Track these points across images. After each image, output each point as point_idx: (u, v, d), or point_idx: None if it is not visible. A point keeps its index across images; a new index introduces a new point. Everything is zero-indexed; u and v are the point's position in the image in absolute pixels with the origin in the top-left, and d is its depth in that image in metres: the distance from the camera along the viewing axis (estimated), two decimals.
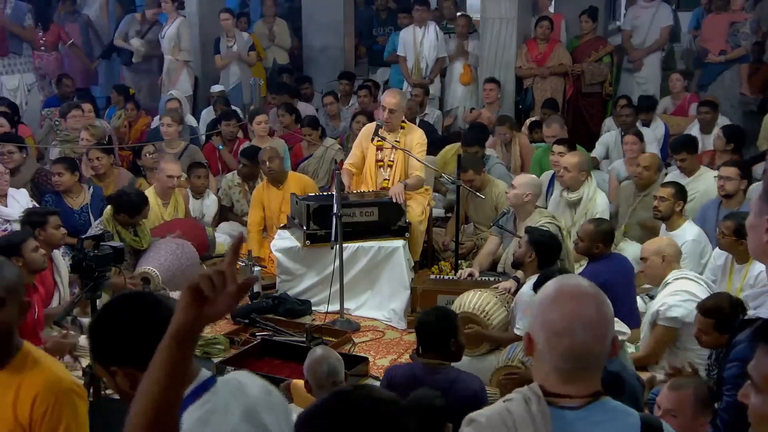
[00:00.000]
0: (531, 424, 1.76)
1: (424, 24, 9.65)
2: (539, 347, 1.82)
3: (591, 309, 1.81)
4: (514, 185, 5.74)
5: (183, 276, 5.65)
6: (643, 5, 9.61)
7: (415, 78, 9.60)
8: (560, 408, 1.80)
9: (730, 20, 9.15)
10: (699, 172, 6.45)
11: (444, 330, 3.69)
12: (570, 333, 1.78)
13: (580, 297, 1.82)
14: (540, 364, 1.84)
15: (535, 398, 1.79)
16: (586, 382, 1.82)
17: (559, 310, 1.80)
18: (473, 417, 1.85)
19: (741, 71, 9.29)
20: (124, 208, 5.63)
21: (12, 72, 9.42)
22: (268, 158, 6.78)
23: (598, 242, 5.02)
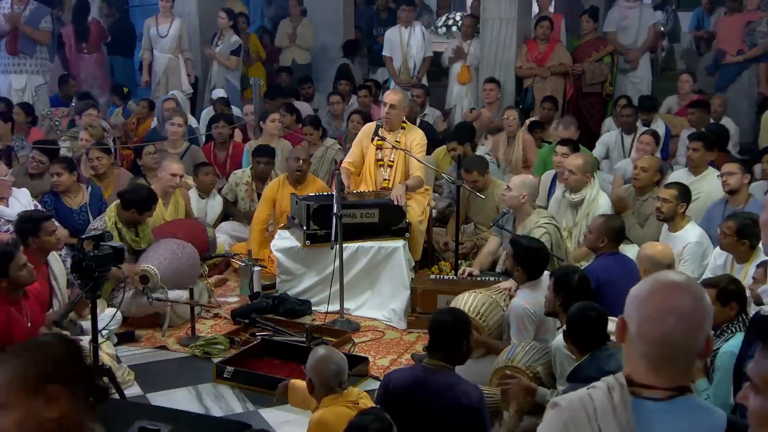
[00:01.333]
0: (611, 412, 1.77)
1: (410, 24, 9.68)
2: (631, 332, 1.83)
3: (687, 301, 1.82)
4: (510, 187, 5.73)
5: (182, 276, 5.65)
6: (627, 5, 9.64)
7: (404, 78, 9.61)
8: (643, 398, 1.80)
9: (746, 20, 9.16)
10: (705, 171, 6.44)
11: (458, 332, 3.68)
12: (663, 321, 1.79)
13: (677, 289, 1.83)
14: (630, 351, 1.84)
15: (619, 387, 1.81)
16: (672, 374, 1.82)
17: (655, 299, 1.82)
18: (557, 401, 1.88)
19: (759, 71, 9.28)
20: (134, 203, 5.60)
21: (20, 72, 9.41)
22: (303, 159, 6.75)
23: (604, 236, 5.02)
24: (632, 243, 6.11)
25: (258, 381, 4.73)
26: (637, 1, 9.63)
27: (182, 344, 5.38)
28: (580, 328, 3.87)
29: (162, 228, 6.16)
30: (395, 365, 5.09)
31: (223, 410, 4.53)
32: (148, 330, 5.58)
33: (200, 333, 5.53)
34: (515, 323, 4.54)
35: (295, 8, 10.84)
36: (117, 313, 4.95)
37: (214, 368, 4.88)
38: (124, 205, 5.62)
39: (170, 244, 5.72)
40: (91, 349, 3.96)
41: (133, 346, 5.36)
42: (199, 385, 4.82)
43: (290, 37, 10.77)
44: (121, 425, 3.13)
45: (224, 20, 9.90)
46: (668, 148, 8.21)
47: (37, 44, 9.38)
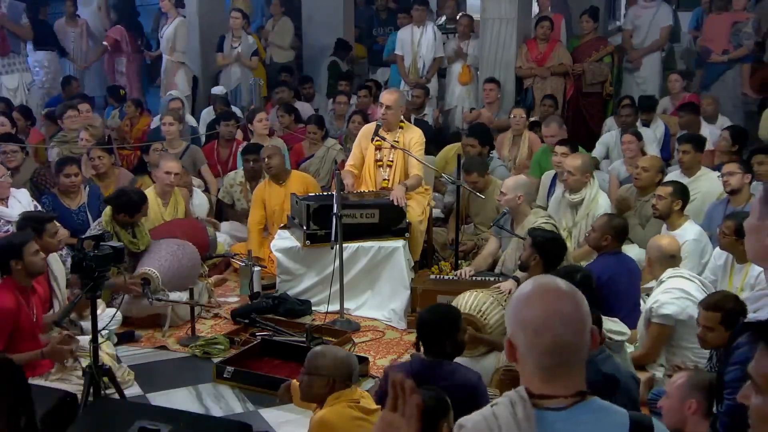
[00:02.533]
0: (516, 428, 1.77)
1: (423, 24, 9.69)
2: (521, 349, 1.83)
3: (568, 304, 1.82)
4: (504, 192, 5.72)
5: (183, 276, 5.64)
6: (643, 5, 9.62)
7: (413, 77, 9.62)
8: (545, 409, 1.80)
9: (733, 20, 9.16)
10: (700, 172, 6.44)
11: (445, 328, 3.69)
12: (550, 328, 1.79)
13: (555, 293, 1.84)
14: (524, 367, 1.85)
15: (521, 401, 1.80)
16: (570, 380, 1.82)
17: (536, 308, 1.81)
18: (462, 422, 1.86)
19: (743, 71, 9.30)
20: (123, 207, 5.62)
21: (12, 72, 9.42)
22: (268, 155, 6.78)
23: (607, 234, 5.03)
24: (633, 243, 6.12)
25: (258, 381, 4.73)
26: (654, 0, 9.59)
27: (182, 344, 5.38)
28: None
29: (162, 228, 6.16)
30: None
31: (223, 410, 4.53)
32: (148, 330, 5.58)
33: (200, 333, 5.53)
34: None
35: (276, 7, 10.84)
36: (117, 313, 4.95)
37: (214, 368, 4.88)
38: (114, 210, 5.63)
39: (171, 244, 5.72)
40: (91, 349, 3.96)
41: (133, 346, 5.36)
42: (199, 385, 4.82)
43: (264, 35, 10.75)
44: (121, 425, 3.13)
45: (239, 20, 9.84)
46: (668, 148, 8.21)
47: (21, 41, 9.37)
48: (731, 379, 2.85)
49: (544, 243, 4.78)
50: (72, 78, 10.19)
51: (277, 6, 10.83)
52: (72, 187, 6.39)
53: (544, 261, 4.74)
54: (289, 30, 10.92)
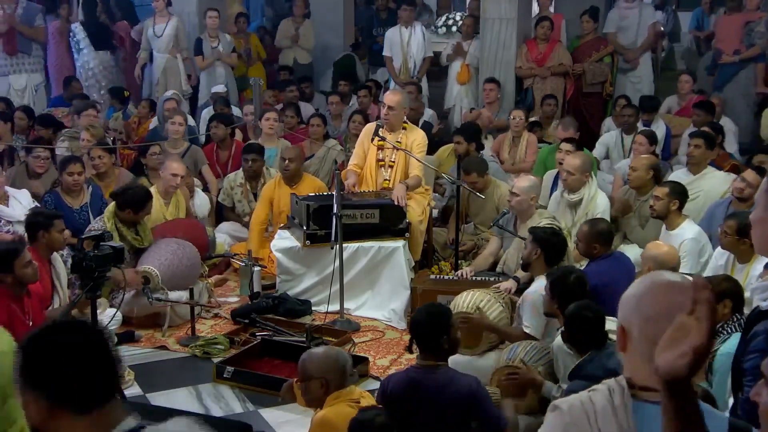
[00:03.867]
0: (612, 415, 1.77)
1: (411, 24, 9.70)
2: (634, 336, 1.82)
3: (687, 296, 1.82)
4: (516, 192, 5.71)
5: (183, 276, 5.64)
6: (626, 6, 9.64)
7: (403, 77, 9.62)
8: (644, 401, 1.80)
9: (745, 20, 9.17)
10: (705, 170, 6.43)
11: (436, 327, 3.68)
12: (668, 318, 1.77)
13: (676, 286, 1.84)
14: (632, 356, 1.84)
15: (620, 389, 1.80)
16: None
17: (655, 298, 1.82)
18: (557, 404, 1.87)
19: (757, 70, 9.28)
20: (128, 203, 5.61)
21: (20, 72, 9.42)
22: (289, 158, 6.75)
23: (594, 243, 5.01)
24: (632, 243, 6.12)
25: (258, 381, 4.73)
26: (636, 1, 9.62)
27: (182, 344, 5.38)
28: (577, 329, 3.87)
29: (162, 227, 6.16)
30: (395, 365, 5.09)
31: (223, 410, 4.53)
32: (148, 330, 5.58)
33: (200, 333, 5.53)
34: (529, 308, 4.54)
35: (299, 9, 10.82)
36: (117, 313, 4.95)
37: (214, 368, 4.88)
38: (119, 206, 5.63)
39: (171, 244, 5.72)
40: None
41: (133, 346, 5.36)
42: (199, 385, 4.81)
43: (293, 38, 10.76)
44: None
45: (216, 20, 9.79)
46: (669, 147, 8.21)
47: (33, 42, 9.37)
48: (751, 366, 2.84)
49: (546, 238, 4.79)
50: (73, 78, 10.17)
51: (301, 8, 10.81)
52: (75, 186, 6.39)
53: (546, 257, 4.75)
54: (312, 33, 10.92)
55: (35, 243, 4.82)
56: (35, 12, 9.42)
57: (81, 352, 1.73)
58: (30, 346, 1.75)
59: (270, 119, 7.98)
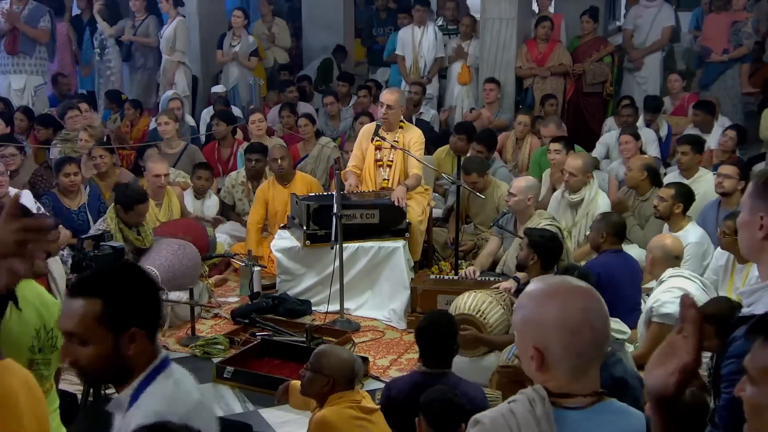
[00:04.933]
0: (535, 426, 1.76)
1: (424, 24, 9.70)
2: (554, 353, 1.79)
3: (593, 299, 1.82)
4: (513, 192, 5.72)
5: (183, 276, 5.64)
6: (645, 4, 9.61)
7: (414, 77, 9.62)
8: (564, 408, 1.79)
9: (732, 20, 9.16)
10: (698, 174, 6.44)
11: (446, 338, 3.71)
12: (587, 325, 1.78)
13: (578, 291, 1.83)
14: (553, 370, 1.81)
15: (540, 400, 1.79)
16: (591, 377, 1.82)
17: (565, 307, 1.79)
18: (478, 418, 1.85)
19: (742, 71, 9.29)
20: (119, 199, 5.62)
21: (20, 72, 9.40)
22: (281, 157, 6.78)
23: (603, 231, 5.03)
24: (632, 243, 6.12)
25: (258, 381, 4.73)
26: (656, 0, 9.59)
27: (182, 344, 5.38)
28: None
29: (161, 228, 6.16)
30: (395, 365, 5.10)
31: (223, 410, 4.52)
32: None
33: (200, 333, 5.53)
34: None
35: (265, 8, 10.82)
36: None
37: (214, 368, 4.88)
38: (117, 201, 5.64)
39: (171, 244, 5.71)
40: None
41: None
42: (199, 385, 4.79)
43: (268, 38, 10.75)
44: None
45: (240, 19, 9.85)
46: (668, 147, 8.21)
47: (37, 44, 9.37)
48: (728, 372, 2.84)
49: (541, 242, 4.78)
50: (60, 75, 10.19)
51: (266, 6, 10.80)
52: (71, 187, 6.38)
53: (542, 260, 4.75)
54: (286, 30, 10.91)
55: None
56: (42, 13, 9.41)
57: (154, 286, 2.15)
58: (121, 286, 2.05)
59: (256, 121, 7.97)
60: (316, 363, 3.55)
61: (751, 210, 2.06)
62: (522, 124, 8.02)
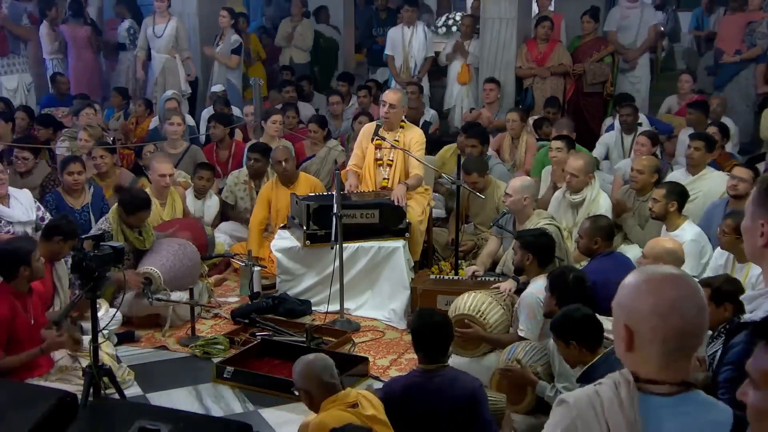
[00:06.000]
0: (619, 408, 1.78)
1: (413, 24, 9.73)
2: (642, 335, 1.81)
3: (689, 288, 1.83)
4: (509, 193, 5.72)
5: (184, 276, 5.64)
6: (627, 5, 9.63)
7: (404, 77, 9.63)
8: (650, 394, 1.81)
9: (747, 20, 9.15)
10: (703, 171, 6.43)
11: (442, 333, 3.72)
12: (679, 312, 1.79)
13: (675, 278, 1.85)
14: (638, 355, 1.83)
15: (625, 383, 1.81)
16: (681, 367, 1.83)
17: (663, 293, 1.81)
18: (563, 398, 1.88)
19: (758, 71, 9.27)
20: (123, 202, 5.63)
21: (11, 72, 9.42)
22: (285, 159, 6.77)
23: (596, 237, 5.03)
24: (633, 243, 6.12)
25: (258, 381, 4.73)
26: (637, 1, 9.62)
27: (182, 344, 5.38)
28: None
29: (161, 227, 6.16)
30: (395, 365, 5.10)
31: (223, 410, 4.53)
32: (148, 330, 5.58)
33: (200, 333, 5.53)
34: (525, 311, 4.54)
35: (297, 8, 10.84)
36: (117, 313, 4.95)
37: (214, 368, 4.88)
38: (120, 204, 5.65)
39: (172, 244, 5.72)
40: (91, 349, 3.96)
41: (133, 346, 5.36)
42: (199, 385, 4.81)
43: (288, 38, 10.77)
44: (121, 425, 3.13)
45: (226, 19, 9.88)
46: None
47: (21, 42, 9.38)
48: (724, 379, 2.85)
49: (532, 241, 4.78)
50: (58, 74, 10.20)
51: (298, 8, 10.83)
52: (75, 185, 6.38)
53: (538, 258, 4.75)
54: (311, 32, 10.93)
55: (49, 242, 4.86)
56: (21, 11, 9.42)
57: None
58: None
59: (277, 122, 7.99)
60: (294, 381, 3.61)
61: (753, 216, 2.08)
62: (511, 121, 7.99)
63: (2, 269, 4.31)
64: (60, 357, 4.54)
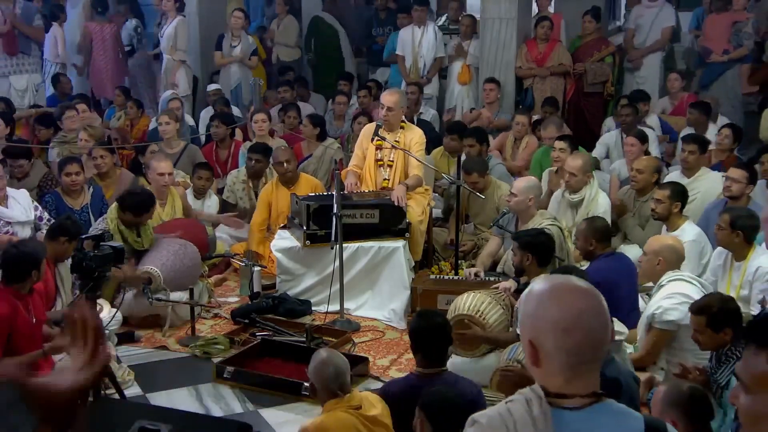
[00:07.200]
0: (532, 425, 1.75)
1: (424, 24, 9.71)
2: (546, 350, 1.79)
3: (592, 300, 1.81)
4: (515, 193, 5.73)
5: (184, 276, 5.64)
6: (647, 4, 9.60)
7: (413, 77, 9.63)
8: (562, 408, 1.79)
9: (732, 20, 9.14)
10: (699, 173, 6.44)
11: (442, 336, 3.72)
12: (580, 326, 1.77)
13: (577, 291, 1.82)
14: (546, 368, 1.81)
15: (537, 399, 1.79)
16: (589, 379, 1.81)
17: (563, 307, 1.78)
18: (475, 418, 1.85)
19: (742, 71, 9.28)
20: (131, 206, 5.62)
21: (21, 72, 9.44)
22: (286, 160, 6.77)
23: (590, 238, 5.03)
24: (633, 243, 6.12)
25: (258, 381, 4.73)
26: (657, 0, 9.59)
27: (182, 344, 5.38)
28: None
29: (162, 227, 6.16)
30: (395, 365, 5.10)
31: (223, 410, 4.53)
32: (149, 330, 5.58)
33: (200, 333, 5.53)
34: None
35: (280, 6, 10.85)
36: (117, 313, 4.95)
37: (214, 368, 4.88)
38: (122, 208, 5.64)
39: (172, 244, 5.72)
40: None
41: (133, 346, 5.36)
42: (199, 385, 4.81)
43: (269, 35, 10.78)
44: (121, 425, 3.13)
45: (240, 21, 9.85)
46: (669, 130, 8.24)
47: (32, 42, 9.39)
48: None
49: (530, 240, 4.79)
50: (61, 75, 10.20)
51: (282, 5, 10.84)
52: (73, 186, 6.38)
53: (537, 258, 4.75)
54: (294, 28, 10.94)
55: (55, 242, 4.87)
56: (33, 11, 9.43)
57: None
58: None
59: (259, 121, 7.98)
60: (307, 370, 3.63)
61: None
62: (520, 124, 8.04)
63: (15, 272, 4.31)
64: (60, 357, 4.54)
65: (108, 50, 10.60)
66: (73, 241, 4.86)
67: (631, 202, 6.34)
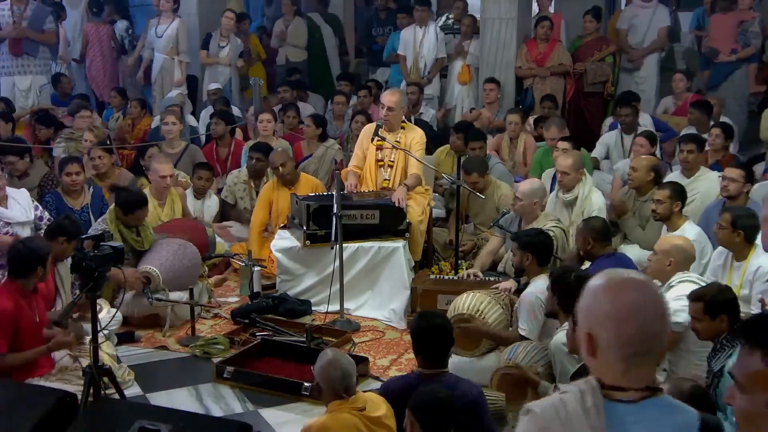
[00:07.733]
0: (584, 416, 1.77)
1: (425, 24, 9.71)
2: (604, 341, 1.81)
3: (648, 292, 1.83)
4: (520, 197, 5.74)
5: (184, 276, 5.64)
6: (641, 5, 9.59)
7: (414, 77, 9.63)
8: (616, 401, 1.80)
9: (738, 19, 9.12)
10: (699, 173, 6.43)
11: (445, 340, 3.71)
12: (637, 317, 1.79)
13: (634, 283, 1.85)
14: (602, 360, 1.83)
15: (591, 391, 1.81)
16: (645, 372, 1.83)
17: (617, 299, 1.81)
18: (530, 407, 1.88)
19: (750, 70, 9.25)
20: (120, 202, 5.63)
21: (25, 73, 9.43)
22: (281, 164, 6.76)
23: (588, 238, 5.04)
24: (633, 243, 6.12)
25: (258, 381, 4.73)
26: (651, 1, 9.58)
27: (182, 344, 5.38)
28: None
29: (161, 228, 6.16)
30: (395, 365, 5.10)
31: (223, 410, 4.53)
32: (148, 330, 5.58)
33: (200, 333, 5.53)
34: (525, 310, 4.55)
35: (288, 7, 10.85)
36: (117, 313, 4.95)
37: (214, 368, 4.88)
38: (116, 203, 5.65)
39: (172, 244, 5.72)
40: (91, 349, 3.96)
41: (133, 346, 5.36)
42: (199, 385, 4.81)
43: (280, 36, 10.78)
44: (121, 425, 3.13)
45: (231, 22, 9.83)
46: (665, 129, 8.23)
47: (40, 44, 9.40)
48: None
49: (529, 240, 4.80)
50: (61, 75, 10.20)
51: (289, 6, 10.82)
52: (73, 186, 6.38)
53: (537, 257, 4.76)
54: (303, 29, 10.93)
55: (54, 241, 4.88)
56: (45, 14, 9.43)
57: None
58: None
59: (264, 120, 7.98)
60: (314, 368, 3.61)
61: None
62: (513, 123, 8.00)
63: (20, 267, 4.33)
64: (61, 357, 4.55)
65: (105, 51, 10.60)
66: (72, 241, 4.87)
67: (631, 202, 6.34)
